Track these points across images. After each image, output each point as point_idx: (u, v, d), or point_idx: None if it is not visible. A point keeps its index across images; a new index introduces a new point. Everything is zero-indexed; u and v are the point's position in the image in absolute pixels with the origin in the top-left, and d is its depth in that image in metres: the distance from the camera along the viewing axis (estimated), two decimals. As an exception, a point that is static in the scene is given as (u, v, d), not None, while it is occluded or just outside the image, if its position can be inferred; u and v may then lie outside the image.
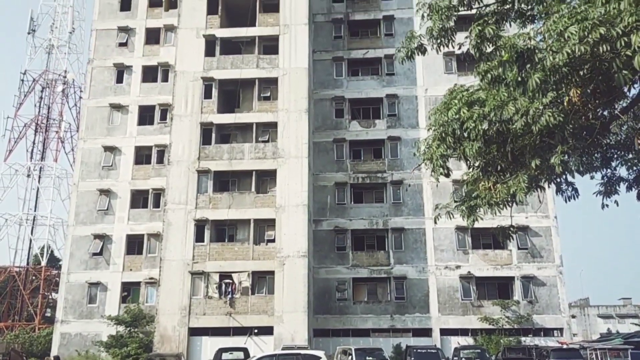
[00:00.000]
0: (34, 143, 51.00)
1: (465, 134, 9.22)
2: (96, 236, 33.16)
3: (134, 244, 33.44)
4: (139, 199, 34.18)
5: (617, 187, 10.15)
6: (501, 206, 9.97)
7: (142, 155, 34.74)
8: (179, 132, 31.17)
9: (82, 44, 74.53)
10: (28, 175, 50.83)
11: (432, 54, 10.88)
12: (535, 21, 10.27)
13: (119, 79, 35.87)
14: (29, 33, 52.09)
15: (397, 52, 11.00)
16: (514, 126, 8.65)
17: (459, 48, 10.72)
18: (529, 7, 9.98)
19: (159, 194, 33.24)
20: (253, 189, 30.37)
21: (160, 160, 34.03)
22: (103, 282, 32.65)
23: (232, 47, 33.43)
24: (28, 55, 52.10)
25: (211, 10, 33.48)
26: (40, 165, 50.90)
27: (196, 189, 30.22)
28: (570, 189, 10.00)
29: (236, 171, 30.97)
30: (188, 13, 33.34)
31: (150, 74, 35.99)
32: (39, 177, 51.03)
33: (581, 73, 8.58)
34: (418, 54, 10.35)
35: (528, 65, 8.73)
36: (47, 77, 51.81)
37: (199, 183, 30.38)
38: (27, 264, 49.70)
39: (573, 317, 56.29)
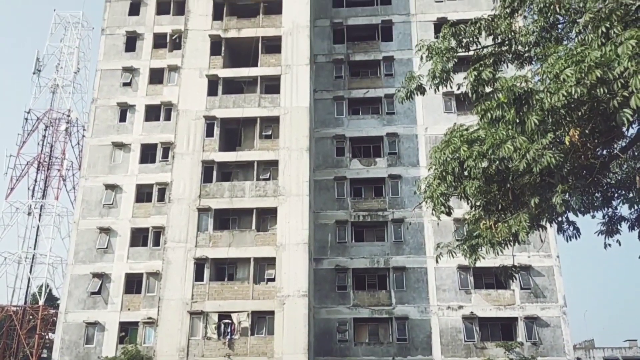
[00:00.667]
0: (35, 181, 51.14)
1: (466, 173, 9.26)
2: (95, 275, 32.88)
3: (133, 283, 33.12)
4: (139, 237, 34.05)
5: (619, 227, 10.11)
6: (503, 245, 9.93)
7: (143, 193, 34.78)
8: (181, 170, 31.30)
9: (87, 83, 75.16)
10: (29, 213, 50.75)
11: (431, 93, 11.04)
12: (533, 63, 10.44)
13: (122, 118, 36.24)
14: (34, 73, 52.91)
15: (397, 92, 11.16)
16: (514, 165, 8.69)
17: (458, 89, 10.87)
18: (526, 49, 10.15)
19: (159, 232, 33.13)
20: (253, 227, 30.29)
21: (161, 199, 34.05)
22: (101, 322, 32.19)
23: (235, 86, 33.92)
24: (33, 94, 52.78)
25: (214, 51, 34.11)
26: (41, 203, 50.91)
27: (196, 227, 30.14)
28: (571, 228, 9.98)
29: (237, 209, 30.96)
30: (192, 54, 33.94)
31: (153, 112, 36.39)
32: (40, 215, 50.94)
33: (579, 113, 8.66)
34: (418, 94, 10.50)
35: (526, 107, 8.83)
36: (51, 116, 52.38)
37: (199, 221, 30.32)
38: (25, 303, 49.11)
39: (578, 359, 55.21)
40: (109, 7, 38.80)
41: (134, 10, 38.62)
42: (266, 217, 30.96)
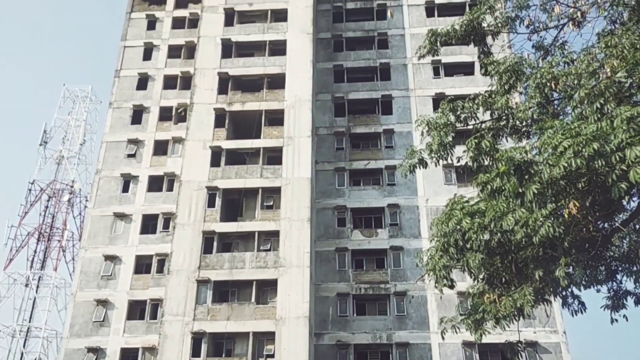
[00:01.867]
0: (35, 252, 50.84)
1: (468, 245, 9.22)
2: (90, 349, 31.94)
3: (128, 359, 32.11)
4: (137, 309, 33.36)
5: (625, 301, 9.94)
6: (508, 320, 9.73)
7: (142, 265, 34.41)
8: (181, 240, 31.15)
9: (92, 155, 76.44)
10: (26, 285, 50.08)
11: (431, 165, 11.18)
12: (531, 137, 10.64)
13: (125, 189, 36.48)
14: (40, 145, 53.87)
15: (399, 166, 11.35)
16: (515, 237, 8.66)
17: (458, 161, 11.03)
18: (524, 124, 10.37)
19: (156, 304, 32.51)
20: (253, 299, 29.74)
21: (160, 270, 33.65)
22: (93, 399, 30.97)
23: (237, 157, 34.38)
24: (38, 165, 53.50)
25: (218, 123, 34.84)
26: (39, 275, 50.33)
27: (195, 300, 29.58)
28: (576, 302, 9.81)
29: (236, 281, 30.51)
30: (196, 126, 34.65)
31: (155, 183, 36.66)
32: (37, 286, 50.26)
33: (579, 186, 8.73)
34: (419, 168, 10.65)
35: (526, 177, 8.91)
36: (55, 186, 52.81)
37: (198, 293, 29.81)
38: (16, 379, 47.47)
39: None
40: (118, 82, 40.00)
41: (142, 84, 39.80)
42: (266, 289, 30.47)
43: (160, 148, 37.80)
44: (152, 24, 42.03)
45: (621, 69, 8.47)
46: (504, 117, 10.49)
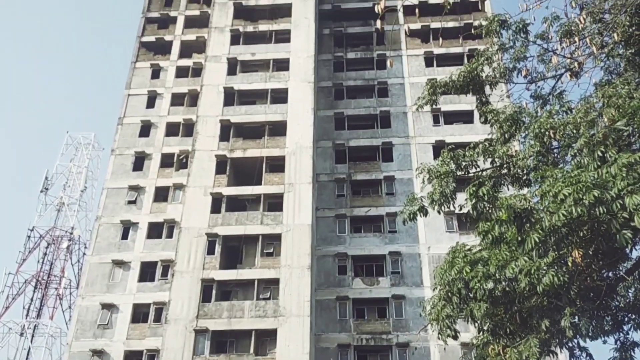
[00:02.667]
0: (31, 300, 50.15)
1: (471, 294, 9.09)
2: (83, 401, 31.04)
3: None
4: (132, 360, 32.58)
5: (633, 353, 9.70)
6: (514, 373, 9.47)
7: (140, 313, 33.83)
8: (179, 289, 30.73)
9: (92, 201, 76.44)
10: (21, 334, 49.14)
11: (433, 212, 11.14)
12: (531, 185, 10.65)
13: (124, 236, 36.29)
14: (41, 191, 53.96)
15: (399, 214, 11.31)
16: (519, 286, 8.55)
17: (460, 209, 11.00)
18: (524, 172, 10.40)
19: (153, 355, 31.76)
20: (252, 350, 29.07)
21: (157, 319, 33.06)
22: None
23: (238, 204, 34.34)
24: (38, 212, 53.44)
25: (220, 170, 35.00)
26: (35, 323, 49.46)
27: (192, 351, 28.90)
28: (584, 354, 9.58)
29: (235, 331, 29.92)
30: (197, 173, 34.79)
31: (155, 230, 36.49)
32: (32, 336, 49.31)
33: (581, 234, 8.67)
34: (420, 216, 10.62)
35: (527, 225, 8.86)
36: (54, 233, 52.59)
37: (195, 344, 29.16)
38: None
39: None
40: (121, 129, 40.42)
41: (144, 132, 40.19)
42: (265, 339, 29.83)
43: (161, 195, 37.82)
44: (156, 72, 42.86)
45: (620, 118, 8.55)
46: (504, 166, 10.53)
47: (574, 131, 9.15)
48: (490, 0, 43.42)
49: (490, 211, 9.60)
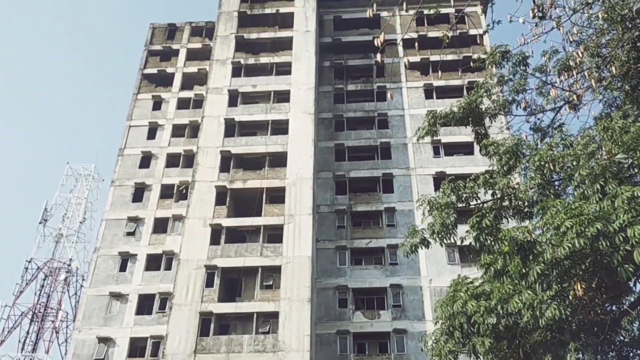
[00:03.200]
0: (27, 333, 49.42)
1: (474, 329, 8.96)
2: None
3: None
4: (129, 396, 31.92)
5: (640, 390, 9.49)
6: (518, 410, 9.26)
7: (137, 347, 33.29)
8: (177, 322, 30.29)
9: (91, 233, 76.14)
10: (16, 368, 48.28)
11: (434, 245, 11.06)
12: (533, 217, 10.60)
13: (123, 267, 36.00)
14: (40, 223, 53.73)
15: (401, 246, 11.25)
16: (522, 320, 8.43)
17: (462, 242, 10.93)
18: (526, 204, 10.37)
19: (150, 390, 31.16)
20: (251, 386, 28.50)
21: (154, 353, 32.51)
22: None
23: (238, 235, 34.14)
24: (36, 244, 53.10)
25: (219, 201, 34.91)
26: (30, 357, 48.65)
27: (190, 386, 28.35)
28: (589, 391, 9.33)
29: (234, 365, 29.37)
30: (197, 204, 34.70)
31: (154, 262, 36.23)
32: (27, 370, 48.43)
33: (583, 267, 8.59)
34: (422, 248, 10.54)
35: (530, 258, 8.78)
36: (52, 265, 52.20)
37: (193, 380, 28.59)
38: None
39: None
40: (121, 160, 40.52)
41: (145, 163, 40.29)
42: (264, 375, 29.27)
43: (160, 226, 37.67)
44: (157, 104, 43.22)
45: (619, 151, 8.56)
46: (505, 198, 10.51)
47: (574, 163, 9.15)
48: (489, 34, 44.07)
49: (492, 243, 9.54)
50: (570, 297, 8.55)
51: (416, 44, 39.37)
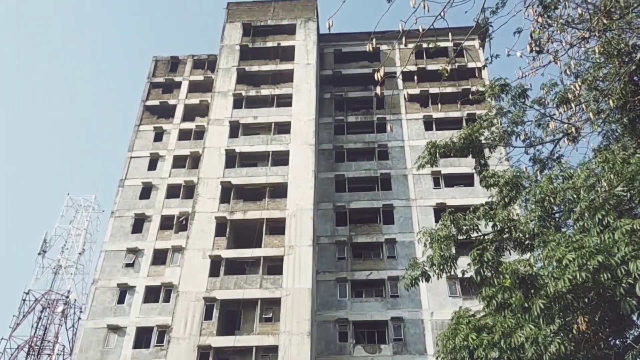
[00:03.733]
0: (23, 366, 48.62)
1: (476, 364, 8.81)
2: None
3: None
4: None
5: None
6: None
7: (134, 382, 32.73)
8: (175, 356, 29.80)
9: (90, 264, 75.60)
10: (10, 403, 47.38)
11: (435, 277, 10.97)
12: (534, 250, 10.54)
13: (121, 300, 35.63)
14: (39, 254, 53.42)
15: (401, 278, 11.19)
16: (526, 355, 8.30)
17: (463, 274, 10.85)
18: (526, 237, 10.32)
19: None
20: (250, 421, 27.88)
21: (152, 388, 31.95)
22: None
23: (237, 267, 33.90)
24: (34, 275, 52.68)
25: (219, 232, 34.78)
26: (24, 392, 47.80)
27: (188, 421, 27.74)
28: None
29: (233, 400, 28.82)
30: (197, 235, 34.57)
31: (152, 294, 35.88)
32: (22, 404, 47.51)
33: (586, 300, 8.50)
34: (422, 281, 10.46)
35: (532, 291, 8.70)
36: (50, 297, 51.69)
37: (191, 414, 28.01)
38: None
39: None
40: (121, 191, 40.55)
41: (145, 194, 40.31)
42: (263, 411, 28.68)
43: (159, 257, 37.45)
44: (159, 135, 43.50)
45: (618, 183, 8.57)
46: (506, 230, 10.47)
47: (574, 196, 9.15)
48: (487, 67, 44.58)
49: (493, 276, 9.47)
50: (574, 331, 8.44)
51: (415, 76, 39.91)
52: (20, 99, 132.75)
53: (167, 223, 38.85)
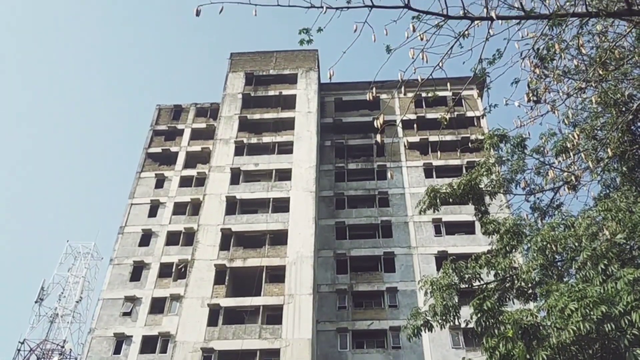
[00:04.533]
0: (14, 419, 47.14)
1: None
2: None
3: None
4: None
5: None
6: None
7: None
8: (172, 408, 28.98)
9: (87, 312, 74.51)
10: None
11: (438, 327, 10.77)
12: (537, 299, 10.40)
13: (117, 350, 34.87)
14: (36, 302, 52.61)
15: (403, 329, 10.96)
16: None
17: (466, 324, 10.66)
18: (529, 286, 10.20)
19: None
20: None
21: None
22: None
23: (236, 315, 33.33)
24: (30, 324, 51.74)
25: (218, 280, 34.38)
26: None
27: None
28: None
29: None
30: (195, 283, 34.17)
31: (149, 344, 35.14)
32: None
33: (590, 352, 8.33)
34: (425, 331, 10.27)
35: (534, 342, 8.53)
36: (45, 347, 50.62)
37: None
38: None
39: None
40: (121, 238, 40.37)
41: (145, 241, 40.12)
42: None
43: (157, 306, 36.90)
44: (160, 182, 43.68)
45: (620, 232, 8.53)
46: (508, 278, 10.36)
47: (576, 244, 9.09)
48: (486, 116, 45.19)
49: (495, 326, 9.30)
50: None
51: (415, 124, 40.39)
52: (21, 143, 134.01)
53: (166, 271, 38.50)
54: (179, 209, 41.84)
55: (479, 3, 7.19)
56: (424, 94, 32.00)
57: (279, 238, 36.30)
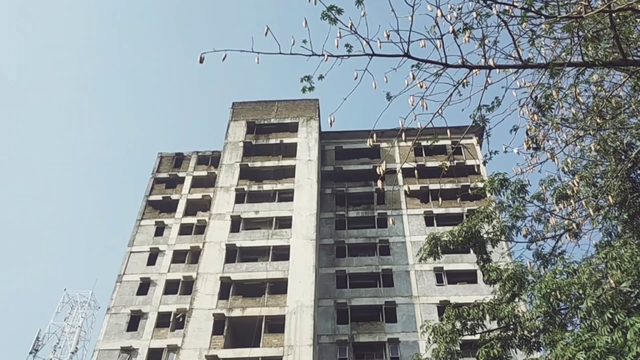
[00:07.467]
0: None
1: None
2: None
3: None
4: None
5: None
6: None
7: None
8: None
9: (82, 364, 73.01)
10: None
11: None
12: (541, 348, 10.19)
13: (111, 404, 33.91)
14: (30, 353, 51.45)
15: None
16: None
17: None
18: (532, 334, 10.02)
19: None
20: None
21: None
22: None
23: (234, 367, 32.53)
24: (24, 375, 50.41)
25: (217, 330, 33.72)
26: None
27: None
28: None
29: None
30: (193, 333, 33.51)
31: (144, 398, 34.19)
32: None
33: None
34: (427, 381, 10.02)
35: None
36: (38, 399, 49.19)
37: None
38: None
39: None
40: (119, 287, 39.86)
41: (143, 289, 39.59)
42: None
43: (154, 357, 36.04)
44: (160, 230, 43.50)
45: (625, 280, 8.44)
46: (511, 326, 10.17)
47: (580, 292, 8.98)
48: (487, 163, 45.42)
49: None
50: None
51: (415, 172, 40.55)
52: (19, 190, 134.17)
53: (163, 320, 37.81)
54: (178, 257, 41.50)
55: (477, 52, 7.37)
56: (424, 142, 32.27)
57: (279, 286, 35.85)
